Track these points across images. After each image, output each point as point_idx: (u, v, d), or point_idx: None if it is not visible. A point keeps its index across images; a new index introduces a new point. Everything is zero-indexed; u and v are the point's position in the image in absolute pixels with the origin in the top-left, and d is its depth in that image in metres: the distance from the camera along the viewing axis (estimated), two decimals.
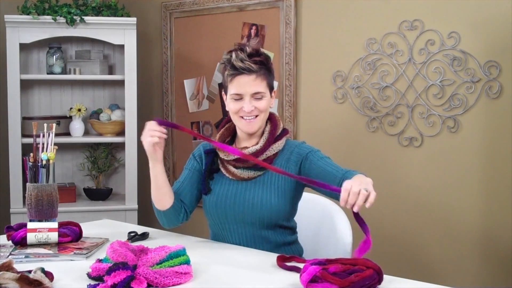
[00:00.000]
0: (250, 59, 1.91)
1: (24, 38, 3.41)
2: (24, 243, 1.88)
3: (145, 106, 3.87)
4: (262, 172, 1.97)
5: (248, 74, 1.91)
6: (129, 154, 3.50)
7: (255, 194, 1.96)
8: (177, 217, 2.05)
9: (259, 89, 1.92)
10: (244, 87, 1.92)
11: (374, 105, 2.87)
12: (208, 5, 3.48)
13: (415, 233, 2.79)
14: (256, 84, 1.92)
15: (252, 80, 1.91)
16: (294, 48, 3.12)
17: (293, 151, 1.99)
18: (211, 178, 2.03)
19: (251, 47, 1.96)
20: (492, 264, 2.59)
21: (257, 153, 1.94)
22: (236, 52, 1.93)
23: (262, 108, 1.94)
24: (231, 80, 1.93)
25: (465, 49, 2.60)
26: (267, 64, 1.95)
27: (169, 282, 1.49)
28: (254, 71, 1.91)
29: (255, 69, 1.91)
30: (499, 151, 2.55)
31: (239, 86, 1.92)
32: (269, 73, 1.97)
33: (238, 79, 1.92)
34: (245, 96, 1.92)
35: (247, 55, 1.92)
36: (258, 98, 1.93)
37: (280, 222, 1.96)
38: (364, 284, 1.37)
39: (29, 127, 3.39)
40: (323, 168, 1.93)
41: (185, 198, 2.06)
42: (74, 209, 3.46)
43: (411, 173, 2.79)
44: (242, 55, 1.92)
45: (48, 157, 2.05)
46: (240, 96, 1.92)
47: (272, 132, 1.98)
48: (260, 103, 1.93)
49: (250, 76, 1.91)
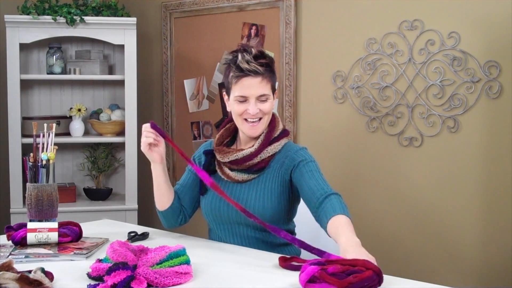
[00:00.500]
0: (256, 61, 1.90)
1: (24, 38, 3.41)
2: (24, 243, 1.88)
3: (145, 106, 3.87)
4: (257, 175, 1.97)
5: (254, 76, 1.89)
6: (129, 154, 3.51)
7: (249, 196, 1.96)
8: (176, 219, 2.06)
9: (264, 92, 1.91)
10: (250, 89, 1.90)
11: (374, 105, 2.87)
12: (208, 5, 3.48)
13: (415, 233, 2.79)
14: (262, 86, 1.91)
15: (258, 82, 1.90)
16: (294, 48, 3.12)
17: (288, 155, 1.96)
18: None
19: (256, 49, 1.94)
20: (492, 264, 2.59)
21: (251, 156, 1.94)
22: (241, 53, 1.91)
23: (266, 110, 1.93)
24: (236, 82, 1.91)
25: (465, 49, 2.60)
26: (271, 66, 1.94)
27: (169, 282, 1.49)
28: (260, 73, 1.89)
29: (261, 71, 1.90)
30: (499, 151, 2.55)
31: (244, 88, 1.90)
32: (273, 75, 1.96)
33: (243, 81, 1.90)
34: (251, 98, 1.90)
35: (253, 57, 1.90)
36: (263, 100, 1.92)
37: (274, 224, 1.94)
38: (363, 285, 1.37)
39: (29, 127, 3.39)
40: (307, 181, 1.87)
41: (184, 201, 2.07)
42: (74, 209, 3.47)
43: (411, 173, 2.79)
44: (248, 56, 1.90)
45: (48, 157, 2.05)
46: (245, 98, 1.91)
47: (268, 135, 1.97)
48: (265, 105, 1.92)
49: (256, 79, 1.90)
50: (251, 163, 1.95)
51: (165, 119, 3.76)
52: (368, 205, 2.91)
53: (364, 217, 2.90)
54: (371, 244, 2.90)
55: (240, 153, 1.94)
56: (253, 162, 1.95)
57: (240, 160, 1.94)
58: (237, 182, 1.99)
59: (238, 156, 1.94)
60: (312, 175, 1.88)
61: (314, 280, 1.40)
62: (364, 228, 2.84)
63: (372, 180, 2.91)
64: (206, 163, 2.04)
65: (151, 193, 2.09)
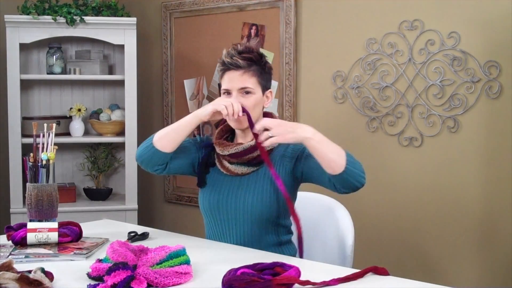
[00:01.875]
0: (239, 55, 1.95)
1: (24, 38, 3.41)
2: (24, 243, 1.88)
3: (145, 106, 3.87)
4: (256, 168, 1.99)
5: (235, 69, 1.94)
6: (129, 154, 3.50)
7: (248, 190, 1.97)
8: (157, 165, 2.02)
9: (246, 85, 1.94)
10: (231, 82, 1.95)
11: (374, 105, 2.87)
12: (208, 5, 3.48)
13: (415, 233, 2.79)
14: (244, 79, 1.94)
15: (239, 75, 1.94)
16: (294, 48, 3.12)
17: (288, 146, 2.00)
18: (206, 172, 2.04)
19: (245, 45, 1.99)
20: (492, 264, 2.59)
21: (251, 149, 1.96)
22: (228, 49, 1.98)
23: (248, 105, 1.94)
24: (221, 76, 1.98)
25: (465, 49, 2.60)
26: (258, 61, 1.97)
27: (169, 282, 1.49)
28: (241, 67, 1.94)
29: (242, 64, 1.94)
30: (499, 151, 2.55)
31: (227, 82, 1.96)
32: (261, 70, 1.98)
33: (227, 75, 1.96)
34: (233, 91, 1.95)
35: (237, 52, 1.96)
36: (247, 94, 1.95)
37: (273, 219, 1.97)
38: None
39: (29, 127, 3.39)
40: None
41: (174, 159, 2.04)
42: (74, 209, 3.46)
43: (411, 173, 2.79)
44: (233, 52, 1.96)
45: (48, 157, 2.05)
46: (228, 91, 1.96)
47: None
48: (248, 100, 1.94)
49: (237, 72, 1.94)
50: (251, 156, 1.97)
51: (165, 119, 3.76)
52: (368, 205, 2.91)
53: (364, 217, 2.90)
54: (371, 244, 2.91)
55: (240, 146, 1.96)
56: (252, 156, 1.97)
57: (240, 153, 1.96)
58: (236, 176, 2.00)
59: (239, 149, 1.96)
60: None
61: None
62: (363, 228, 2.84)
63: (372, 180, 2.90)
64: (206, 156, 2.05)
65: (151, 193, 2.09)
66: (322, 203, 2.24)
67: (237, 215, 1.98)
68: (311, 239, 2.19)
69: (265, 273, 1.45)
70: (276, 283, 1.38)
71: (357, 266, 1.96)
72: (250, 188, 1.97)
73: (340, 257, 2.10)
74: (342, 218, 2.15)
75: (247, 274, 1.41)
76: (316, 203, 2.25)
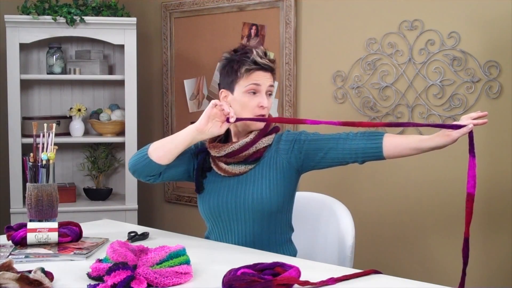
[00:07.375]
0: (268, 59, 2.02)
1: (24, 38, 3.41)
2: (24, 243, 1.88)
3: (145, 106, 3.87)
4: (253, 166, 2.00)
5: (265, 71, 2.00)
6: (129, 154, 3.50)
7: (247, 188, 1.97)
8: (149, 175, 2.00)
9: (272, 84, 2.03)
10: (263, 79, 1.99)
11: (374, 105, 2.87)
12: (208, 5, 3.48)
13: (415, 233, 2.79)
14: (271, 81, 2.02)
15: (268, 76, 2.01)
16: (294, 48, 3.12)
17: (280, 140, 2.03)
18: (203, 177, 2.04)
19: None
20: (492, 264, 2.59)
21: (247, 146, 1.97)
22: (255, 49, 2.00)
23: (269, 105, 2.02)
24: (249, 75, 1.97)
25: (465, 49, 2.60)
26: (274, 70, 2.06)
27: (169, 282, 1.50)
28: (269, 69, 2.01)
29: (271, 67, 2.02)
30: (499, 151, 2.55)
31: (259, 78, 1.98)
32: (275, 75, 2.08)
33: (257, 73, 1.98)
34: (263, 87, 1.98)
35: (264, 54, 2.02)
36: (269, 96, 2.01)
37: (274, 215, 1.97)
38: None
39: (29, 127, 3.39)
40: (323, 137, 2.00)
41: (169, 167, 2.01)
42: (74, 209, 3.47)
43: (411, 173, 2.79)
44: (261, 53, 2.01)
45: (48, 157, 2.05)
46: (258, 87, 1.97)
47: (264, 128, 2.02)
48: (269, 101, 2.02)
49: (267, 73, 2.01)
50: (247, 154, 1.97)
51: (165, 119, 3.76)
52: (368, 204, 2.91)
53: (364, 217, 2.90)
54: (371, 243, 2.91)
55: (236, 144, 1.97)
56: (249, 153, 1.97)
57: (237, 151, 1.97)
58: (234, 176, 2.00)
59: (235, 147, 1.97)
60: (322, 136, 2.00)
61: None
62: (364, 227, 2.84)
63: (372, 180, 2.91)
64: (201, 161, 2.05)
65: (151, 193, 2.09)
66: (323, 203, 2.24)
67: (238, 214, 1.98)
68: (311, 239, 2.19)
69: (265, 273, 1.45)
70: (276, 283, 1.38)
71: (357, 266, 1.96)
72: (249, 186, 1.97)
73: (340, 257, 2.10)
74: (342, 218, 2.15)
75: (247, 274, 1.41)
76: (316, 203, 2.25)
